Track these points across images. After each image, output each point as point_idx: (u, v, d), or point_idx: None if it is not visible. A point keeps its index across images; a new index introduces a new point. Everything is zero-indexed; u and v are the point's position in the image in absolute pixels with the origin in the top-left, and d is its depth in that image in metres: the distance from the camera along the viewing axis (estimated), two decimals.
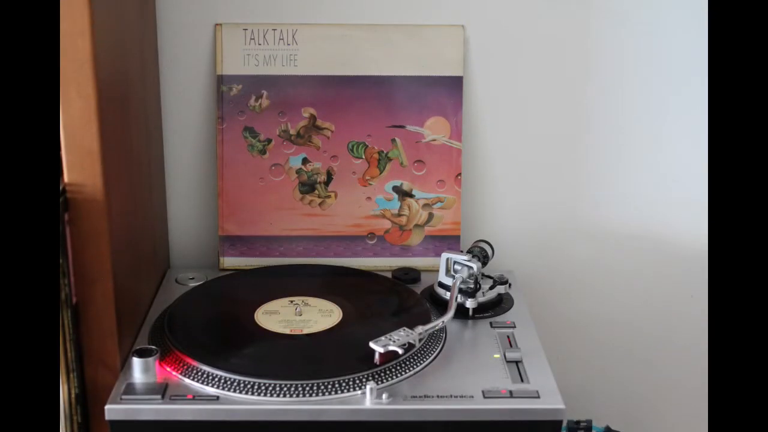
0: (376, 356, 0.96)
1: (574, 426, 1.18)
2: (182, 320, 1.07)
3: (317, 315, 1.08)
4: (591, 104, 1.26)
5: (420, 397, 0.94)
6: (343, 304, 1.10)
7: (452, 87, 1.23)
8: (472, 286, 1.11)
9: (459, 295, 1.10)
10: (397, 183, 1.26)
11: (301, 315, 1.07)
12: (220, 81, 1.22)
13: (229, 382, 0.95)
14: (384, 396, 0.93)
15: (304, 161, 1.25)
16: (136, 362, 0.96)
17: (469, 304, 1.10)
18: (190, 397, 0.93)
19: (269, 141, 1.24)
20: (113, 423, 0.93)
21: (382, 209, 1.26)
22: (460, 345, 1.05)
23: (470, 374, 0.99)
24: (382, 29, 1.23)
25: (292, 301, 1.11)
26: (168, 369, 0.97)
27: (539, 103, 1.26)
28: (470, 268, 1.11)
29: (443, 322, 1.03)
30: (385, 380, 0.96)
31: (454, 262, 1.13)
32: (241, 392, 0.94)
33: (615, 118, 1.27)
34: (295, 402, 0.93)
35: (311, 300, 1.11)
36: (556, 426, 0.94)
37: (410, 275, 1.22)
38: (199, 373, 0.96)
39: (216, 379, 0.95)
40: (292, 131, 1.24)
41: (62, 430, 0.94)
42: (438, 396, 0.94)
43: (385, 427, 0.93)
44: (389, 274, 1.22)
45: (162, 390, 0.94)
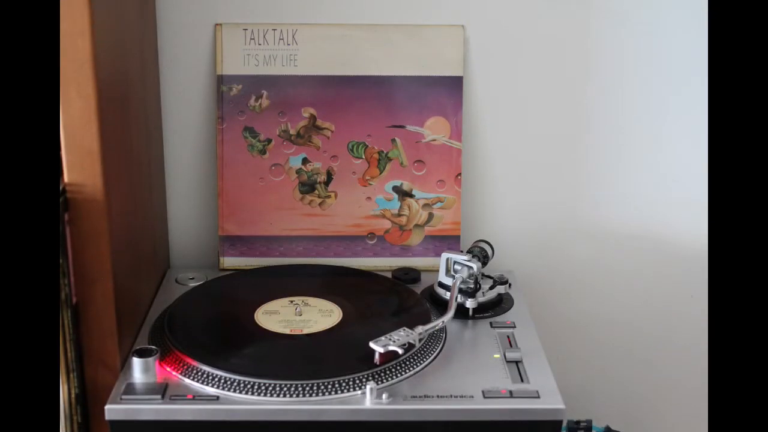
0: (376, 356, 0.96)
1: (574, 426, 1.18)
2: (182, 320, 1.07)
3: (317, 315, 1.08)
4: (591, 104, 1.26)
5: (420, 397, 0.94)
6: (343, 304, 1.10)
7: (452, 87, 1.23)
8: (472, 286, 1.11)
9: (459, 295, 1.10)
10: (397, 183, 1.26)
11: (301, 315, 1.07)
12: (220, 81, 1.22)
13: (229, 382, 0.95)
14: (384, 396, 0.93)
15: (304, 161, 1.25)
16: (136, 362, 0.96)
17: (469, 304, 1.10)
18: (190, 397, 0.93)
19: (269, 141, 1.24)
20: (113, 423, 0.93)
21: (382, 209, 1.26)
22: (460, 345, 1.05)
23: (470, 374, 0.99)
24: (382, 29, 1.23)
25: (292, 301, 1.11)
26: (168, 369, 0.97)
27: (539, 103, 1.26)
28: (470, 268, 1.11)
29: (443, 322, 1.03)
30: (385, 380, 0.96)
31: (454, 262, 1.13)
32: (241, 392, 0.94)
33: (615, 118, 1.27)
34: (295, 402, 0.93)
35: (311, 300, 1.11)
36: (556, 426, 0.94)
37: (410, 275, 1.22)
38: (199, 373, 0.96)
39: (216, 379, 0.95)
40: (292, 131, 1.24)
41: (62, 430, 0.94)
42: (438, 396, 0.94)
43: (385, 427, 0.93)
44: (389, 274, 1.22)
45: (162, 390, 0.94)
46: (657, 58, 1.24)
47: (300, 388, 0.94)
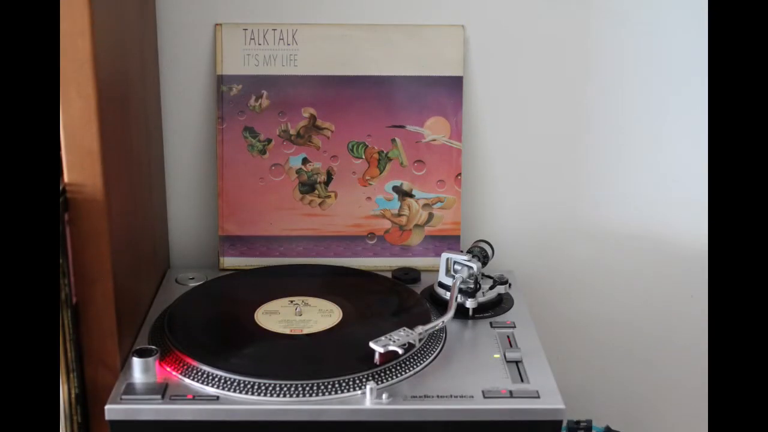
0: (376, 356, 0.96)
1: (574, 426, 1.18)
2: (182, 320, 1.07)
3: (317, 315, 1.08)
4: (591, 104, 1.26)
5: (420, 397, 0.94)
6: (343, 304, 1.10)
7: (452, 87, 1.23)
8: (472, 286, 1.11)
9: (459, 295, 1.10)
10: (397, 183, 1.26)
11: (301, 315, 1.07)
12: (220, 81, 1.22)
13: (229, 382, 0.95)
14: (384, 396, 0.93)
15: (304, 161, 1.25)
16: (136, 362, 0.96)
17: (469, 304, 1.10)
18: (190, 397, 0.93)
19: (269, 141, 1.24)
20: (113, 423, 0.93)
21: (382, 209, 1.26)
22: (460, 345, 1.05)
23: (470, 374, 0.99)
24: (382, 29, 1.23)
25: (292, 301, 1.11)
26: (168, 369, 0.97)
27: (539, 103, 1.26)
28: (470, 268, 1.11)
29: (443, 322, 1.03)
30: (385, 380, 0.96)
31: (454, 262, 1.13)
32: (241, 392, 0.94)
33: (615, 118, 1.27)
34: (295, 402, 0.93)
35: (311, 300, 1.11)
36: (556, 426, 0.94)
37: (410, 275, 1.22)
38: (199, 373, 0.96)
39: (216, 379, 0.95)
40: (292, 131, 1.24)
41: (62, 430, 0.94)
42: (438, 396, 0.94)
43: (385, 427, 0.93)
44: (389, 274, 1.22)
45: (162, 390, 0.94)
46: (657, 58, 1.24)
47: (300, 388, 0.94)
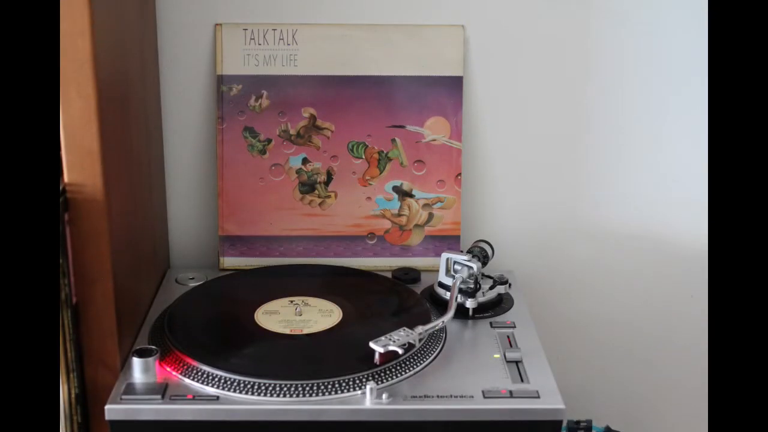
0: (376, 356, 0.96)
1: (574, 426, 1.18)
2: (182, 320, 1.07)
3: (317, 315, 1.08)
4: (591, 104, 1.26)
5: (420, 397, 0.94)
6: (343, 304, 1.10)
7: (452, 87, 1.23)
8: (472, 286, 1.11)
9: (459, 295, 1.10)
10: (397, 183, 1.26)
11: (301, 315, 1.07)
12: (220, 81, 1.22)
13: (229, 382, 0.95)
14: (384, 396, 0.93)
15: (304, 161, 1.25)
16: (136, 362, 0.96)
17: (469, 304, 1.10)
18: (190, 397, 0.93)
19: (269, 141, 1.24)
20: (113, 423, 0.93)
21: (382, 209, 1.26)
22: (460, 345, 1.05)
23: (470, 374, 0.99)
24: (382, 29, 1.23)
25: (292, 301, 1.11)
26: (168, 369, 0.97)
27: (539, 103, 1.26)
28: (470, 268, 1.11)
29: (443, 322, 1.03)
30: (385, 380, 0.96)
31: (454, 262, 1.13)
32: (241, 392, 0.94)
33: (615, 118, 1.27)
34: (295, 402, 0.93)
35: (311, 300, 1.11)
36: (556, 426, 0.94)
37: (410, 275, 1.22)
38: (199, 373, 0.96)
39: (216, 379, 0.95)
40: (292, 131, 1.24)
41: (62, 430, 0.94)
42: (438, 396, 0.94)
43: (385, 427, 0.93)
44: (389, 274, 1.22)
45: (162, 390, 0.94)
46: (657, 58, 1.24)
47: (300, 388, 0.94)
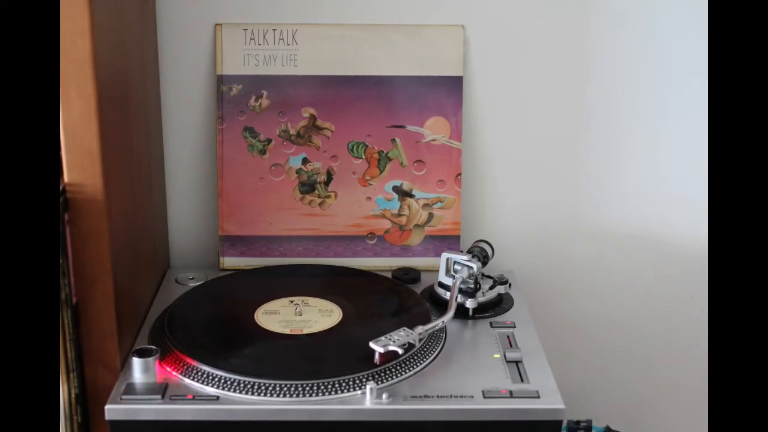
0: (376, 356, 0.96)
1: (574, 426, 1.18)
2: (182, 320, 1.07)
3: (317, 315, 1.08)
4: (591, 104, 1.26)
5: (420, 397, 0.94)
6: (343, 304, 1.10)
7: (452, 87, 1.23)
8: (472, 286, 1.11)
9: (459, 295, 1.10)
10: (397, 183, 1.26)
11: (301, 315, 1.07)
12: (220, 81, 1.22)
13: (229, 382, 0.95)
14: (384, 396, 0.93)
15: (304, 161, 1.25)
16: (136, 362, 0.96)
17: (469, 304, 1.10)
18: (190, 397, 0.93)
19: (269, 141, 1.24)
20: (113, 423, 0.93)
21: (382, 209, 1.26)
22: (460, 345, 1.05)
23: (470, 374, 0.99)
24: (382, 29, 1.23)
25: (292, 301, 1.11)
26: (168, 369, 0.97)
27: (539, 103, 1.26)
28: (470, 268, 1.11)
29: (443, 322, 1.03)
30: (385, 380, 0.96)
31: (454, 262, 1.13)
32: (241, 392, 0.94)
33: (615, 118, 1.27)
34: (295, 402, 0.93)
35: (311, 300, 1.11)
36: (556, 426, 0.94)
37: (410, 275, 1.22)
38: (199, 373, 0.96)
39: (216, 379, 0.95)
40: (292, 131, 1.24)
41: (62, 430, 0.94)
42: (438, 396, 0.94)
43: (385, 427, 0.93)
44: (389, 274, 1.22)
45: (162, 390, 0.94)
46: (657, 58, 1.24)
47: (300, 388, 0.94)
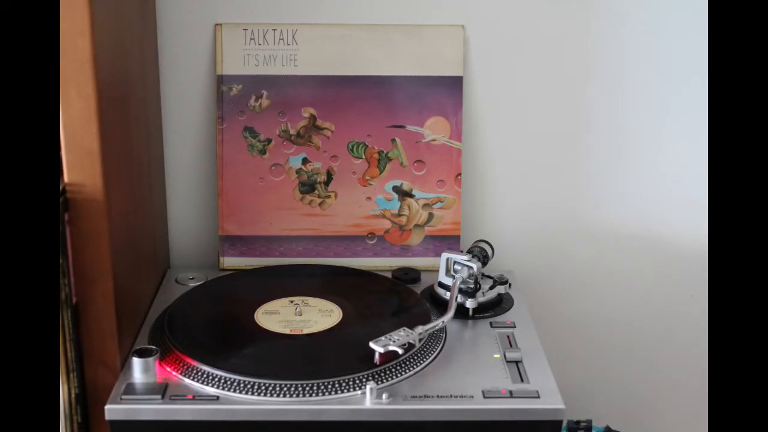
0: (376, 356, 0.96)
1: (574, 426, 1.18)
2: (182, 320, 1.07)
3: (317, 315, 1.08)
4: (591, 104, 1.26)
5: (420, 397, 0.94)
6: (343, 304, 1.10)
7: (452, 87, 1.23)
8: (472, 286, 1.11)
9: (459, 295, 1.10)
10: (397, 183, 1.26)
11: (301, 315, 1.07)
12: (220, 81, 1.22)
13: (229, 382, 0.95)
14: (384, 396, 0.93)
15: (304, 161, 1.25)
16: (136, 362, 0.96)
17: (469, 304, 1.10)
18: (190, 397, 0.93)
19: (269, 141, 1.24)
20: (113, 423, 0.93)
21: (382, 209, 1.26)
22: (460, 345, 1.05)
23: (470, 374, 0.99)
24: (382, 29, 1.23)
25: (292, 301, 1.11)
26: (168, 369, 0.97)
27: (539, 103, 1.26)
28: (470, 268, 1.11)
29: (443, 322, 1.03)
30: (385, 380, 0.96)
31: (454, 262, 1.13)
32: (241, 392, 0.94)
33: (615, 118, 1.27)
34: (295, 402, 0.93)
35: (311, 300, 1.11)
36: (556, 426, 0.94)
37: (410, 275, 1.22)
38: (199, 373, 0.96)
39: (216, 379, 0.95)
40: (292, 131, 1.24)
41: (62, 430, 0.94)
42: (438, 396, 0.94)
43: (385, 427, 0.93)
44: (389, 274, 1.22)
45: (162, 390, 0.94)
46: (657, 58, 1.24)
47: (300, 388, 0.94)
